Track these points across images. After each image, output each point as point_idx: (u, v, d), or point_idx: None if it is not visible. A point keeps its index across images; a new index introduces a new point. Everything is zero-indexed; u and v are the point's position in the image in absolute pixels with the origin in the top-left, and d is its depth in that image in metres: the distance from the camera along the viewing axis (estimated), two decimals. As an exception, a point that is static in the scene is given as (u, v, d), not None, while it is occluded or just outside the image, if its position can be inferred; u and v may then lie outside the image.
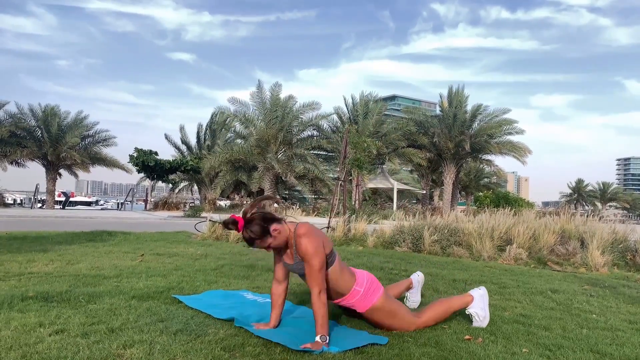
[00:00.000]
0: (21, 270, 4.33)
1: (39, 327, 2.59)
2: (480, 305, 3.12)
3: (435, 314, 3.04)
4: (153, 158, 27.06)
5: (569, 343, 2.76)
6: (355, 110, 28.77)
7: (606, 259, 6.33)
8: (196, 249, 6.57)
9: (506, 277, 5.24)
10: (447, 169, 28.65)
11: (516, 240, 7.20)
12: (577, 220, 8.69)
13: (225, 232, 8.21)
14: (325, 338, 2.48)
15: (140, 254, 5.76)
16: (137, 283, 3.92)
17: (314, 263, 2.62)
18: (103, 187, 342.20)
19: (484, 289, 3.24)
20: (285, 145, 25.58)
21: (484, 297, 3.17)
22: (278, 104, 25.34)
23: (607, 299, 4.19)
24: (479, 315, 3.08)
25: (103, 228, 9.38)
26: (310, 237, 2.67)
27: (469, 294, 3.19)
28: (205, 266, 5.03)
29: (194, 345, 2.40)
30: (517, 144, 27.57)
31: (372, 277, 2.98)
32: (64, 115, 27.61)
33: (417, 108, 33.66)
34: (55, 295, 3.30)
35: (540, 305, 3.82)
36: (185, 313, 3.03)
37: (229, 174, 27.08)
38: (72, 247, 6.20)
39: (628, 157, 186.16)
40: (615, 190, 78.12)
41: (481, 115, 28.25)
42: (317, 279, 2.61)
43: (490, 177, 44.32)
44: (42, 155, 26.75)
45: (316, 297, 2.58)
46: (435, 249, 7.40)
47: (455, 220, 8.81)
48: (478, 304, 3.12)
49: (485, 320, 3.10)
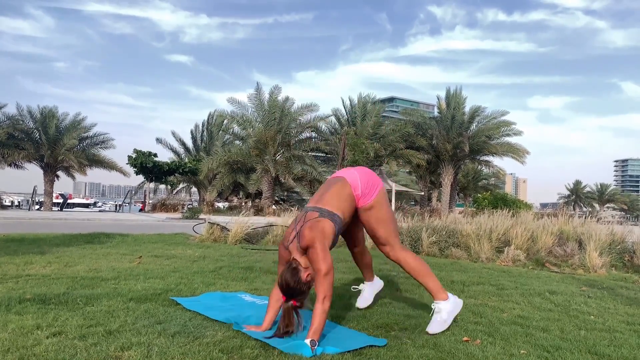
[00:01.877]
0: (18, 273, 4.32)
1: (36, 329, 2.58)
2: (449, 308, 2.98)
3: (413, 262, 3.05)
4: (151, 160, 27.03)
5: (567, 344, 2.76)
6: (353, 112, 28.82)
7: (604, 260, 6.34)
8: (194, 251, 6.56)
9: (504, 278, 5.25)
10: (446, 171, 28.70)
11: (514, 241, 7.20)
12: (575, 221, 8.70)
13: (224, 234, 8.21)
14: (314, 343, 2.45)
15: (138, 256, 5.75)
16: (135, 285, 3.91)
17: (320, 269, 2.62)
18: (101, 189, 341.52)
19: (462, 302, 3.11)
20: (283, 147, 25.59)
21: (457, 306, 3.04)
22: (276, 106, 25.36)
23: (605, 301, 4.20)
24: (442, 315, 2.94)
25: (101, 230, 9.37)
26: (314, 245, 2.67)
27: (447, 293, 3.08)
28: (203, 268, 5.03)
29: (192, 347, 2.40)
30: (515, 145, 27.68)
31: (366, 174, 3.07)
32: (62, 117, 27.59)
33: (415, 110, 33.77)
34: (52, 298, 3.29)
35: (539, 306, 3.82)
36: (183, 315, 3.03)
37: (227, 176, 27.08)
38: (69, 249, 6.19)
39: (625, 159, 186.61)
40: (613, 191, 78.36)
41: (479, 117, 28.36)
42: (323, 285, 2.61)
43: (489, 179, 44.38)
44: (39, 157, 26.72)
45: (320, 302, 2.59)
46: (433, 251, 7.41)
47: (454, 221, 8.82)
48: (448, 305, 2.99)
49: (443, 325, 2.91)
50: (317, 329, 2.54)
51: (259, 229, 8.72)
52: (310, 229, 2.74)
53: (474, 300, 3.95)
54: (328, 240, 2.76)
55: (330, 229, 2.79)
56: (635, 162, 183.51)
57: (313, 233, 2.71)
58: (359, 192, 2.98)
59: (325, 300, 2.59)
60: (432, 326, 2.91)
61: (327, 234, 2.76)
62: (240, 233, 8.08)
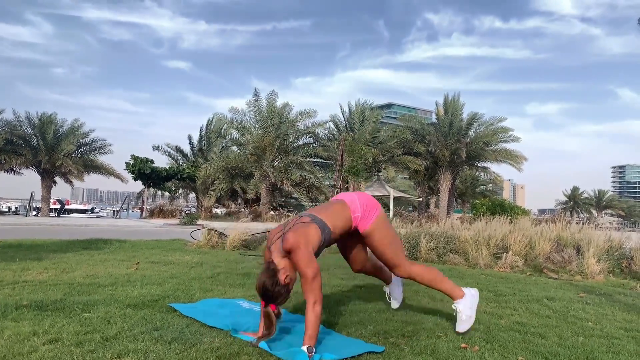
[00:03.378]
0: (15, 279, 4.30)
1: (32, 336, 2.57)
2: (468, 304, 3.03)
3: (425, 274, 3.07)
4: (149, 165, 27.02)
5: (565, 351, 2.76)
6: (351, 118, 28.88)
7: (602, 266, 6.34)
8: (192, 257, 6.54)
9: (502, 284, 5.24)
10: (443, 177, 28.74)
11: (512, 247, 7.20)
12: (572, 227, 8.70)
13: (221, 240, 8.19)
14: (312, 349, 2.44)
15: (136, 262, 5.73)
16: (132, 291, 3.90)
17: (306, 273, 2.59)
18: (99, 195, 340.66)
19: (477, 291, 3.19)
20: (281, 152, 25.61)
21: (474, 298, 3.11)
22: (275, 112, 25.42)
23: (603, 307, 4.20)
24: (465, 313, 2.98)
25: (98, 236, 9.34)
26: (298, 250, 2.63)
27: (462, 289, 3.12)
28: (200, 274, 5.01)
29: (189, 354, 2.39)
30: (512, 151, 27.77)
31: (365, 198, 3.07)
32: (60, 123, 27.61)
33: (413, 116, 33.84)
34: (49, 304, 3.28)
35: (537, 313, 3.82)
36: (181, 322, 3.02)
37: (225, 182, 27.06)
38: (67, 255, 6.17)
39: (623, 165, 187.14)
40: (611, 197, 78.47)
41: (477, 123, 28.45)
42: (312, 289, 2.58)
43: (487, 185, 44.47)
44: (37, 163, 26.69)
45: (310, 307, 2.56)
46: (431, 257, 7.41)
47: (452, 227, 8.82)
48: (467, 302, 3.04)
49: (469, 321, 2.98)
50: (312, 335, 2.51)
51: (257, 235, 8.70)
52: (294, 232, 2.71)
53: (472, 306, 3.94)
54: (312, 245, 2.71)
55: (316, 234, 2.75)
56: (633, 169, 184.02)
57: (297, 236, 2.68)
58: (358, 214, 3.00)
59: (316, 304, 2.56)
60: (459, 326, 2.99)
61: (312, 238, 2.72)
62: (238, 239, 8.06)
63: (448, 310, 3.72)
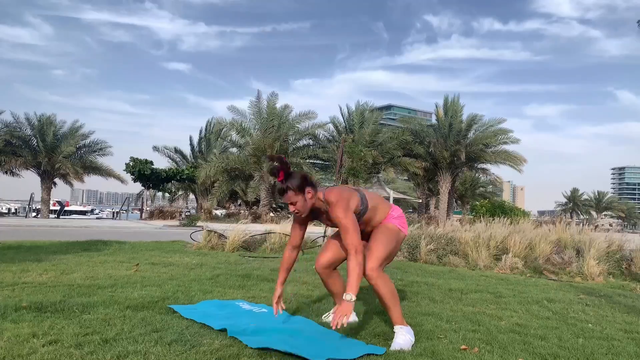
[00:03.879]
0: (15, 280, 4.30)
1: (32, 337, 2.56)
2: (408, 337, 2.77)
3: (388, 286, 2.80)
4: (149, 167, 27.03)
5: (565, 353, 2.76)
6: (351, 119, 28.88)
7: (602, 268, 6.35)
8: (192, 259, 6.54)
9: (502, 286, 5.24)
10: (443, 178, 28.74)
11: (512, 249, 7.20)
12: (572, 229, 8.71)
13: (221, 242, 8.18)
14: (352, 297, 2.53)
15: (136, 264, 5.72)
16: (132, 293, 3.90)
17: (346, 224, 2.71)
18: (98, 196, 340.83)
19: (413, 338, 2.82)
20: (281, 154, 25.61)
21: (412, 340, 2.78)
22: (274, 114, 25.43)
23: (603, 308, 4.20)
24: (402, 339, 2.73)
25: (98, 237, 9.33)
26: (339, 203, 2.76)
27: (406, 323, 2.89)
28: (200, 276, 5.01)
29: (189, 355, 2.38)
30: (512, 153, 27.76)
31: (403, 215, 3.15)
32: (59, 124, 27.62)
33: (413, 117, 33.86)
34: (49, 306, 3.27)
35: (536, 314, 3.82)
36: (180, 323, 3.01)
37: (225, 183, 27.07)
38: (66, 257, 6.16)
39: (623, 167, 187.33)
40: (610, 199, 78.59)
41: (477, 125, 28.44)
42: (352, 240, 2.68)
43: (486, 186, 44.50)
44: (37, 164, 26.69)
45: (352, 256, 2.64)
46: (431, 258, 7.41)
47: (452, 229, 8.82)
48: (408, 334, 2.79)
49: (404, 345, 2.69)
50: (354, 283, 2.58)
51: (257, 237, 8.70)
52: (340, 188, 2.90)
53: (471, 308, 3.94)
54: (352, 205, 2.81)
55: (356, 201, 2.86)
56: (633, 170, 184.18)
57: (341, 192, 2.84)
58: (395, 215, 3.08)
59: (358, 253, 2.64)
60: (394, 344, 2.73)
61: (353, 202, 2.83)
62: (237, 240, 8.06)
63: (448, 312, 3.73)
